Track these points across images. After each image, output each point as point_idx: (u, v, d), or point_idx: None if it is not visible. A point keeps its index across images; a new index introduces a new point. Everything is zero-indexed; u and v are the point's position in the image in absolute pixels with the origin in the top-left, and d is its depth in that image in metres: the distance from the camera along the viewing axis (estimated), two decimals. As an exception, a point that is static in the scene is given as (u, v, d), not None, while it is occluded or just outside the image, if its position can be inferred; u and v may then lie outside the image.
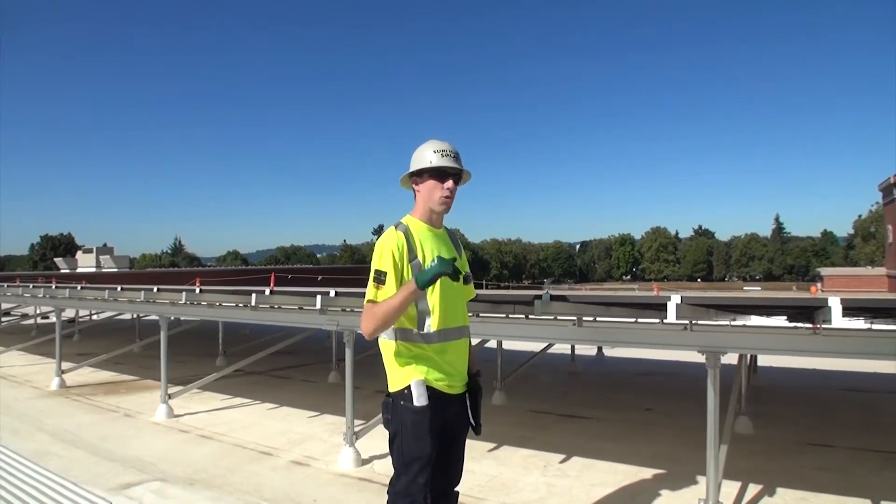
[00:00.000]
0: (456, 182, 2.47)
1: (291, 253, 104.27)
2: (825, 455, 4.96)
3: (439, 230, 2.53)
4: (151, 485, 4.37)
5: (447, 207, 2.47)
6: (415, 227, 2.45)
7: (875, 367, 8.45)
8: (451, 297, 2.44)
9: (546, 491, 4.22)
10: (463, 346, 2.51)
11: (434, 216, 2.49)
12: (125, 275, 39.66)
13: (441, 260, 2.26)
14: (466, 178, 2.54)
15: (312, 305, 5.85)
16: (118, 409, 6.95)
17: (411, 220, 2.49)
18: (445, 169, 2.43)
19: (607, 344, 7.43)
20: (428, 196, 2.45)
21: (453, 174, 2.45)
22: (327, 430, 5.89)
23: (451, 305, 2.44)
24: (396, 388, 2.39)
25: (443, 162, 2.42)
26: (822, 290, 30.79)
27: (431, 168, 2.42)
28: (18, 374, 9.31)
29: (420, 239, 2.42)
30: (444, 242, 2.52)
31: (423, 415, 2.32)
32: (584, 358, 10.04)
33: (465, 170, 2.50)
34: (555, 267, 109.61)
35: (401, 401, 2.36)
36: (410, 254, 2.38)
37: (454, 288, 2.44)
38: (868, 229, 71.74)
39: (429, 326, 2.37)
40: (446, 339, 2.41)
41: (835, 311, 3.49)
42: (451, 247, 2.55)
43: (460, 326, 2.49)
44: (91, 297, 9.25)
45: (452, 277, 2.27)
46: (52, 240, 78.70)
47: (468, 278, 2.56)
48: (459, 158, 2.48)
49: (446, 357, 2.41)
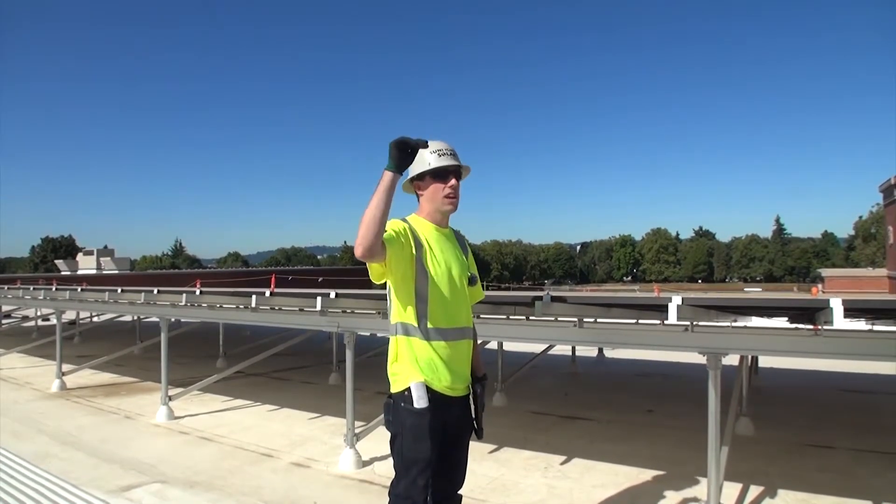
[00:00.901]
0: (457, 178, 2.45)
1: (292, 254, 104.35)
2: (826, 456, 4.95)
3: (446, 230, 2.51)
4: (151, 487, 4.37)
5: (454, 206, 2.45)
6: (420, 226, 2.43)
7: (876, 368, 8.45)
8: (452, 296, 2.40)
9: (547, 493, 4.21)
10: (466, 347, 2.47)
11: (440, 216, 2.47)
12: (126, 277, 39.70)
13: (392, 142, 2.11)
14: (466, 172, 2.52)
15: (313, 307, 5.85)
16: (119, 410, 6.94)
17: (416, 220, 2.46)
18: (446, 168, 2.41)
19: (608, 345, 7.46)
20: (433, 197, 2.43)
21: (454, 171, 2.43)
22: (328, 431, 5.88)
23: (451, 304, 2.39)
24: (397, 390, 2.36)
25: (441, 161, 2.40)
26: (823, 292, 30.71)
27: (431, 170, 2.40)
28: (19, 376, 9.31)
29: (427, 237, 2.39)
30: (451, 242, 2.50)
31: (423, 417, 2.29)
32: (585, 359, 10.04)
33: (464, 165, 2.48)
34: (555, 268, 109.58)
35: (401, 402, 2.33)
36: (416, 243, 2.33)
37: (457, 287, 2.41)
38: (869, 230, 71.66)
39: (428, 324, 2.33)
40: (446, 338, 2.37)
41: (837, 312, 3.48)
42: (458, 247, 2.53)
43: (463, 328, 2.44)
44: (91, 298, 9.26)
45: (412, 143, 2.13)
46: (53, 242, 78.66)
47: (474, 279, 2.55)
48: (457, 154, 2.46)
49: (447, 358, 2.37)
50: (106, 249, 63.63)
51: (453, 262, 2.44)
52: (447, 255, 2.42)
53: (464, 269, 2.49)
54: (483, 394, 2.52)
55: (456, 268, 2.43)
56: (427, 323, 2.34)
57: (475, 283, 2.57)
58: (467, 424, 2.48)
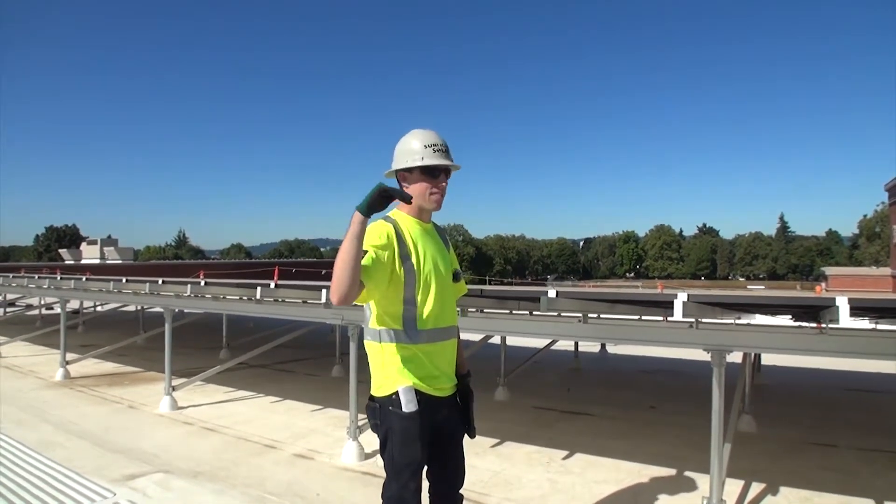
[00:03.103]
0: (447, 177, 2.35)
1: (295, 247, 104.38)
2: (829, 455, 4.95)
3: (428, 225, 2.41)
4: (155, 476, 4.39)
5: (438, 206, 2.37)
6: (404, 223, 2.31)
7: (880, 367, 8.43)
8: (440, 296, 2.32)
9: (549, 487, 4.22)
10: (451, 347, 2.40)
11: (423, 213, 2.38)
12: (129, 266, 39.74)
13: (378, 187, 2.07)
14: (454, 169, 2.39)
15: (317, 299, 5.84)
16: (122, 400, 6.97)
17: (399, 215, 2.35)
18: (438, 167, 2.31)
19: (613, 341, 7.39)
20: (418, 194, 2.32)
21: (445, 171, 2.34)
22: (330, 424, 5.90)
23: (440, 305, 2.32)
24: (383, 394, 2.29)
25: (435, 159, 2.29)
26: (827, 290, 30.64)
27: (423, 166, 2.29)
28: (23, 365, 9.36)
29: (411, 235, 2.30)
30: (433, 238, 2.42)
31: (413, 421, 2.24)
32: (588, 355, 10.04)
33: (455, 165, 2.37)
34: (558, 263, 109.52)
35: (388, 406, 2.26)
36: (402, 248, 2.23)
37: (444, 285, 2.35)
38: (873, 229, 71.39)
39: (416, 326, 2.25)
40: (433, 340, 2.30)
41: (842, 310, 3.46)
42: (441, 242, 2.45)
43: (449, 327, 2.37)
44: (96, 288, 9.27)
45: (397, 196, 2.10)
46: (57, 231, 79.02)
47: (457, 275, 2.48)
48: (450, 152, 2.36)
49: (434, 359, 2.31)
50: (109, 239, 63.55)
51: (439, 259, 2.36)
52: (433, 253, 2.34)
53: (448, 265, 2.42)
54: (472, 393, 2.46)
55: (442, 265, 2.37)
56: (416, 325, 2.27)
57: (459, 279, 2.50)
58: (458, 424, 2.43)
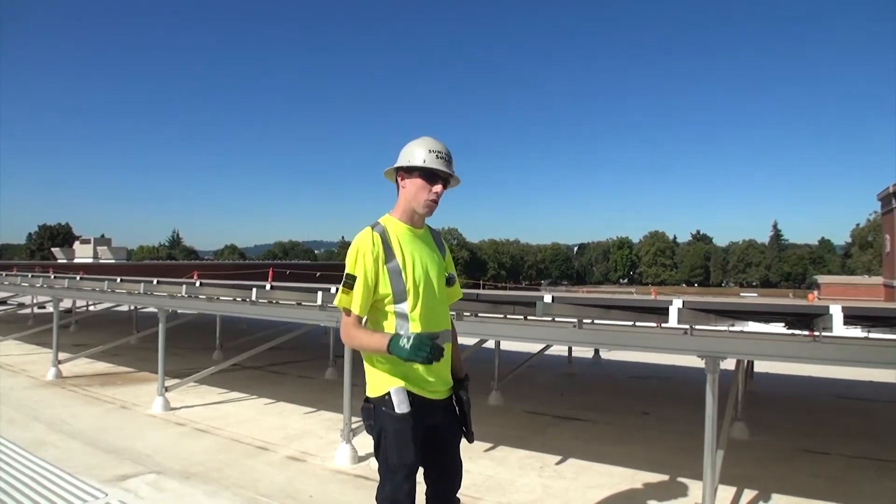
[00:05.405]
0: (444, 186, 2.37)
1: (289, 248, 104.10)
2: (820, 462, 4.97)
3: (420, 230, 2.42)
4: (148, 477, 4.37)
5: (431, 211, 2.38)
6: (394, 228, 2.35)
7: (871, 375, 8.49)
8: (433, 302, 2.34)
9: (542, 492, 4.23)
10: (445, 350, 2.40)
11: (416, 217, 2.39)
12: (123, 266, 39.58)
13: (419, 340, 2.12)
14: (454, 183, 2.44)
15: (312, 301, 5.84)
16: (114, 400, 6.94)
17: (390, 221, 2.37)
18: (437, 172, 2.33)
19: (607, 346, 7.48)
20: (413, 196, 2.34)
21: (443, 178, 2.36)
22: (324, 426, 5.89)
23: (433, 310, 2.34)
24: (376, 394, 2.31)
25: (436, 164, 2.32)
26: (819, 298, 30.84)
27: (423, 168, 2.32)
28: (15, 364, 9.30)
29: (400, 240, 2.32)
30: (427, 243, 2.43)
31: (406, 422, 2.25)
32: (581, 360, 10.06)
33: (455, 175, 2.40)
34: (552, 268, 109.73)
35: (382, 407, 2.28)
36: (387, 255, 2.27)
37: (434, 292, 2.36)
38: (866, 238, 71.99)
39: (408, 331, 2.25)
40: None
41: (836, 319, 3.49)
42: (434, 248, 2.46)
43: (441, 331, 2.36)
44: (89, 287, 9.23)
45: (426, 361, 2.13)
46: (50, 229, 78.49)
47: (452, 279, 2.49)
48: (452, 162, 2.38)
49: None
50: (103, 238, 63.35)
51: (430, 265, 2.37)
52: (423, 259, 2.35)
53: (441, 270, 2.43)
54: (468, 397, 2.46)
55: (433, 271, 2.37)
56: (407, 329, 2.28)
57: (453, 283, 2.51)
58: (455, 428, 2.44)
